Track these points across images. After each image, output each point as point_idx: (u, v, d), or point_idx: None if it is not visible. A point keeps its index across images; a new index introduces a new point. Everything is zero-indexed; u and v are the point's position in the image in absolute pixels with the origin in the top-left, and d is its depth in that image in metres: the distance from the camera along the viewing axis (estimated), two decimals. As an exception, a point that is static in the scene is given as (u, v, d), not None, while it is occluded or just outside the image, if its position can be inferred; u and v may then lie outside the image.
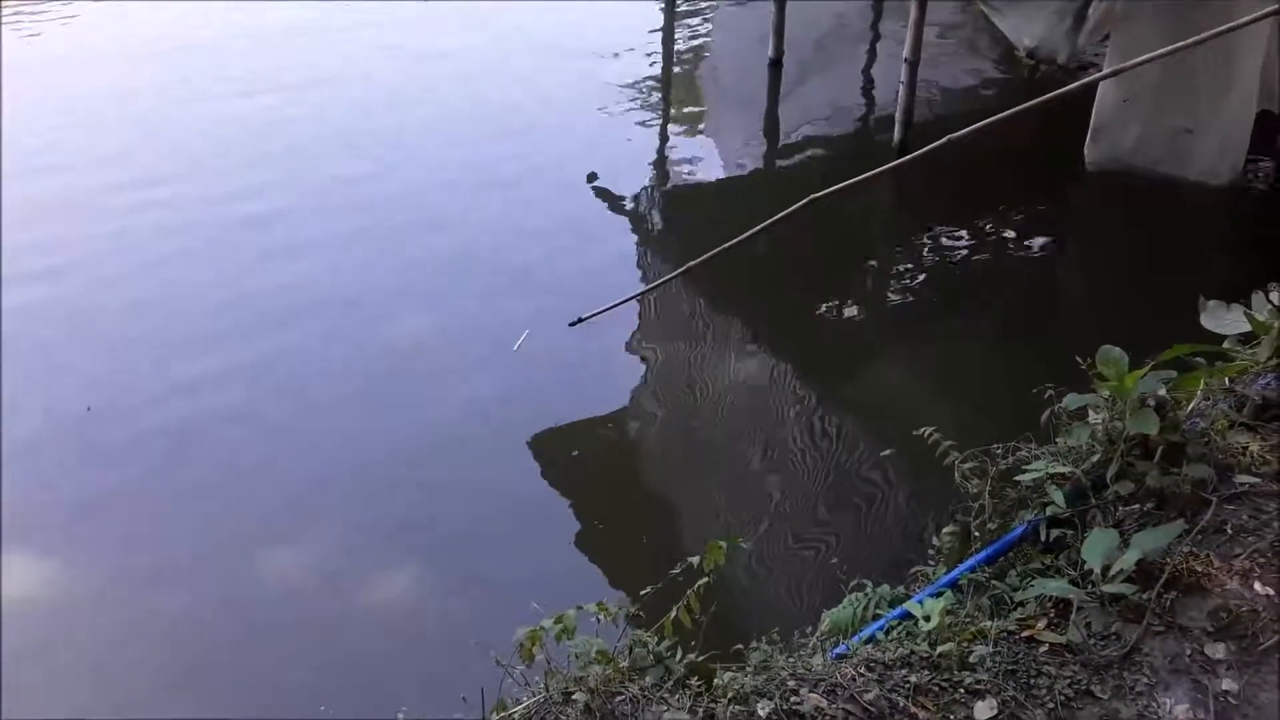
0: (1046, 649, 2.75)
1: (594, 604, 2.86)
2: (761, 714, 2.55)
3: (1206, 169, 8.60)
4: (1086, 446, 3.27)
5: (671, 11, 13.36)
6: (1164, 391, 3.20)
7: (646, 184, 9.96)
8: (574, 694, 2.59)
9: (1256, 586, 2.85)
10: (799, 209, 3.00)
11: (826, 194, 3.00)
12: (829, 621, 3.34)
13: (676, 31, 13.32)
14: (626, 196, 9.61)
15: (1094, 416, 3.33)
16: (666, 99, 11.86)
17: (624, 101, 11.47)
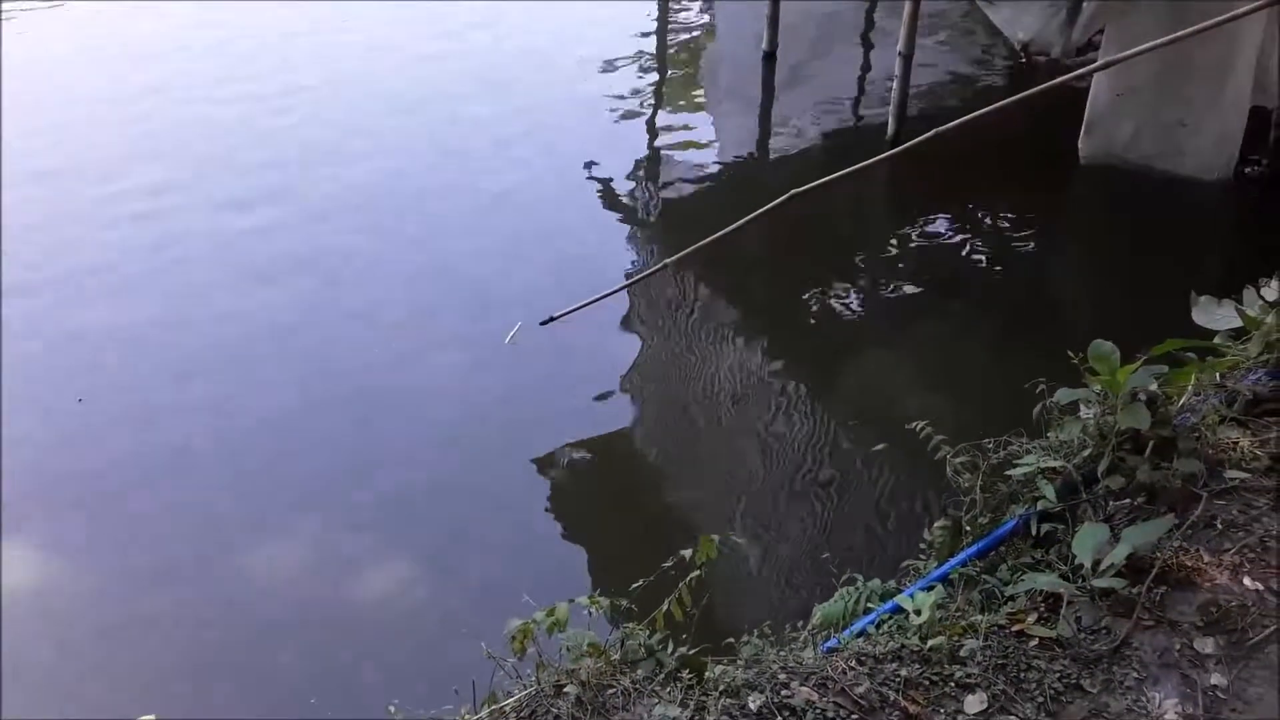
0: (1037, 643, 2.76)
1: (586, 597, 2.87)
2: (752, 707, 2.56)
3: (1200, 163, 8.61)
4: (1078, 441, 3.27)
5: (665, 5, 13.34)
6: (1155, 386, 3.20)
7: (641, 177, 9.95)
8: (565, 686, 2.60)
9: (1246, 581, 2.86)
10: (780, 204, 3.00)
11: (808, 188, 3.01)
12: (820, 615, 3.34)
13: (670, 25, 13.31)
14: (621, 190, 9.60)
15: (1085, 411, 3.33)
16: (660, 93, 11.84)
17: (619, 96, 11.46)
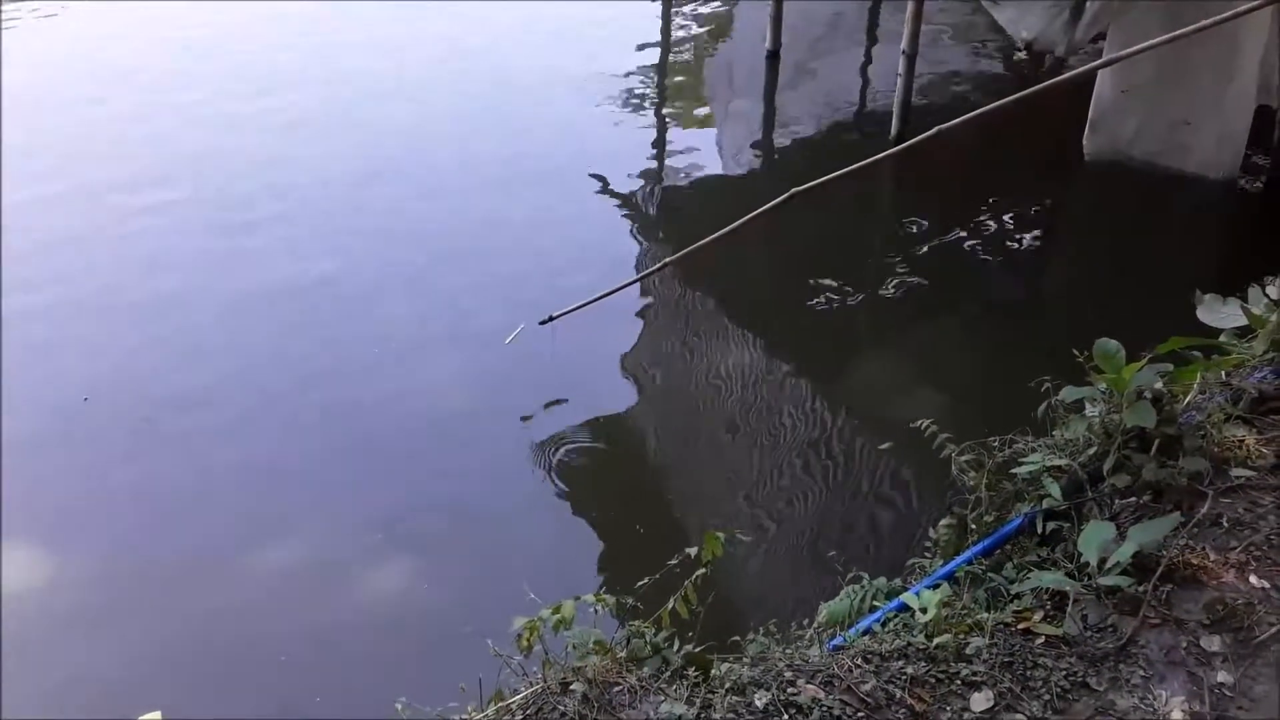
0: (1043, 641, 2.76)
1: (591, 594, 2.87)
2: (759, 704, 2.56)
3: (1205, 161, 8.61)
4: (1083, 439, 3.27)
5: (669, 6, 13.34)
6: (1160, 385, 3.20)
7: (645, 178, 9.95)
8: (572, 684, 2.60)
9: (1252, 579, 2.86)
10: (782, 202, 3.00)
11: (810, 186, 3.01)
12: (826, 613, 3.34)
13: (673, 25, 13.31)
14: (625, 191, 9.60)
15: (1091, 409, 3.33)
16: (663, 93, 11.84)
17: (622, 96, 11.46)
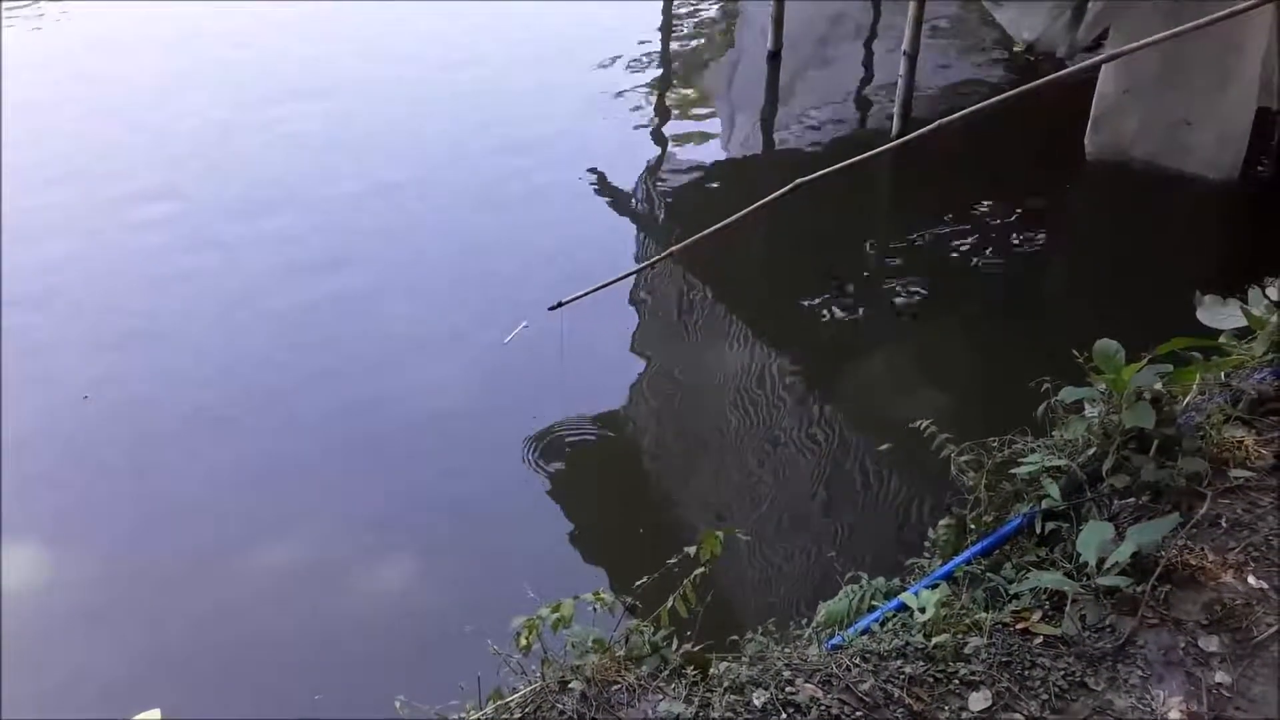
0: (1041, 641, 2.76)
1: (590, 593, 2.87)
2: (757, 703, 2.56)
3: (1206, 162, 8.60)
4: (1082, 440, 3.27)
5: (669, 6, 13.34)
6: (1160, 385, 3.20)
7: (646, 178, 9.95)
8: (570, 682, 2.60)
9: (1250, 580, 2.86)
10: (785, 193, 3.01)
11: (814, 178, 3.02)
12: (824, 613, 3.34)
13: (674, 25, 13.30)
14: (626, 189, 9.60)
15: (1090, 410, 3.33)
16: (664, 93, 11.84)
17: (624, 96, 11.45)
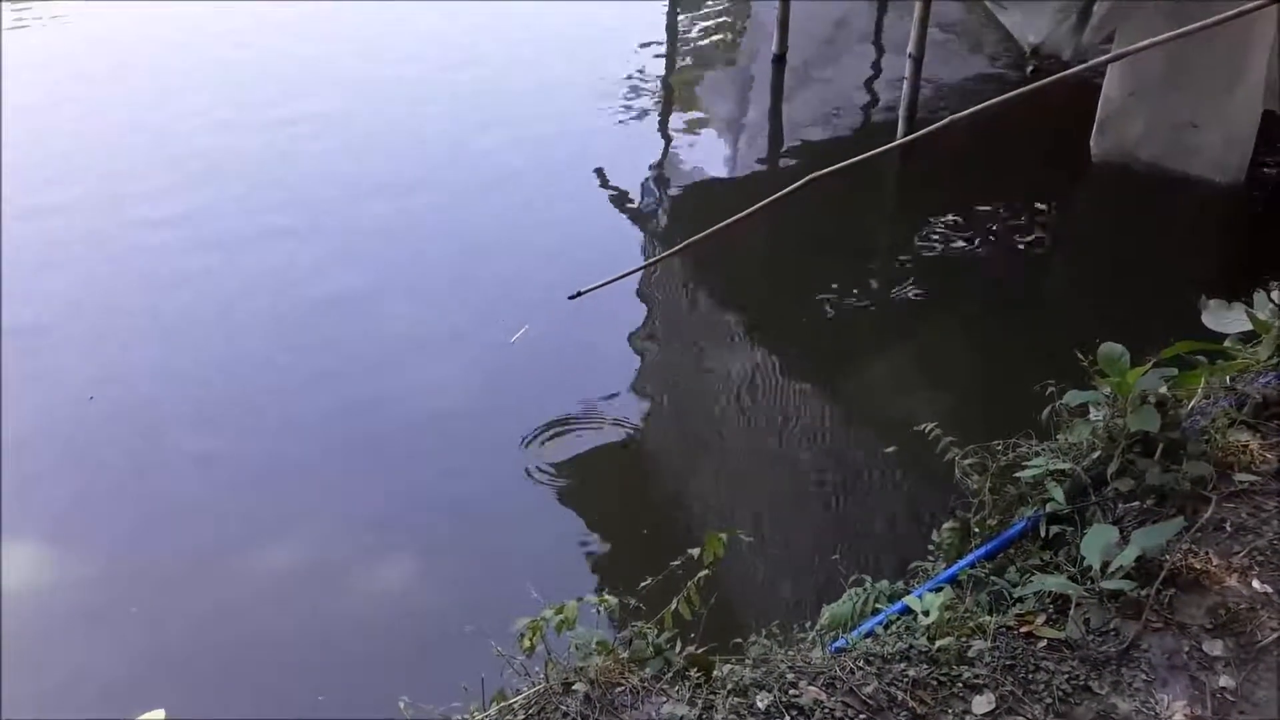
0: (1045, 644, 2.75)
1: (594, 595, 2.87)
2: (760, 706, 2.56)
3: (1211, 164, 8.59)
4: (1087, 443, 3.27)
5: (674, 8, 13.35)
6: (1165, 389, 3.20)
7: (650, 180, 9.95)
8: (574, 684, 2.60)
9: (1255, 584, 2.86)
10: (799, 187, 3.00)
11: (826, 173, 3.01)
12: (828, 616, 3.34)
13: (680, 27, 13.32)
14: (630, 191, 9.61)
15: (1095, 413, 3.33)
16: (669, 95, 11.85)
17: (627, 98, 11.46)
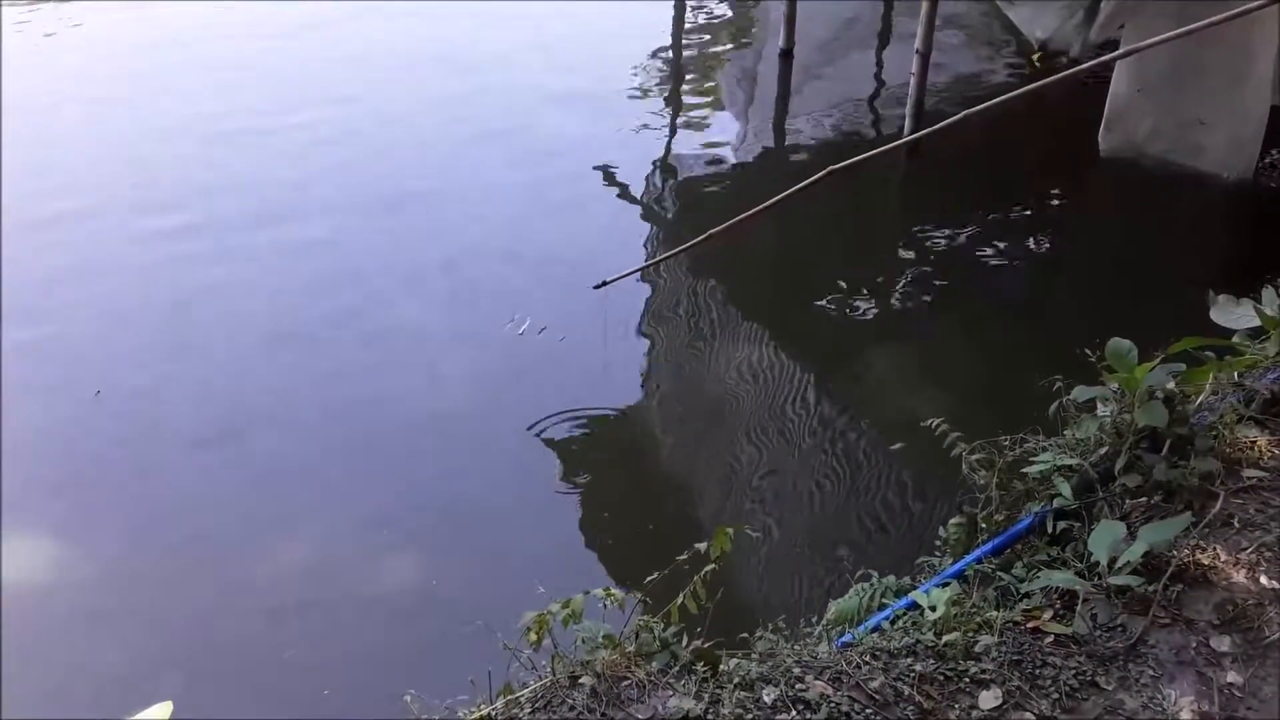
0: (1052, 640, 2.76)
1: (601, 589, 2.88)
2: (767, 700, 2.57)
3: (1219, 161, 8.57)
4: (1094, 439, 3.27)
5: (682, 5, 13.34)
6: (1173, 385, 3.20)
7: (658, 174, 9.95)
8: (581, 678, 2.61)
9: (1263, 580, 2.86)
10: (818, 180, 3.01)
11: (843, 165, 3.02)
12: (835, 610, 3.35)
13: (687, 24, 13.30)
14: (634, 187, 9.61)
15: (1102, 409, 3.33)
16: (677, 89, 11.84)
17: (634, 93, 11.46)
